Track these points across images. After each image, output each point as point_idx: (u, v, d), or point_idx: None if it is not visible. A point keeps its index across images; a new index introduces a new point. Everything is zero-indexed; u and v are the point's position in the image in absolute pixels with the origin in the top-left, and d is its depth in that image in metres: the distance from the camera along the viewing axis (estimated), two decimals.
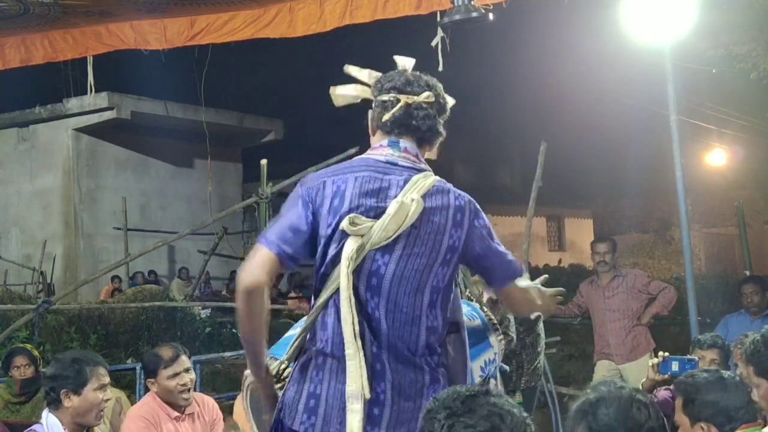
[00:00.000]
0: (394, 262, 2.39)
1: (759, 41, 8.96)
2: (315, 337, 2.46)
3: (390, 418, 2.39)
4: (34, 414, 5.07)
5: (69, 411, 3.41)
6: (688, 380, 2.85)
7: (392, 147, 2.51)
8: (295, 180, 8.48)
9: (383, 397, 2.39)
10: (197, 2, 5.20)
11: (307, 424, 2.39)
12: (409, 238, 2.40)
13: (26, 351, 5.43)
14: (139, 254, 9.91)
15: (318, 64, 18.42)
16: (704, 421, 2.73)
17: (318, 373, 2.42)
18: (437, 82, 2.60)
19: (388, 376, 2.39)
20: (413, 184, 2.42)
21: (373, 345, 2.39)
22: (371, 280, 2.40)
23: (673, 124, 5.37)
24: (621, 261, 9.20)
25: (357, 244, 2.36)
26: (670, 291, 6.47)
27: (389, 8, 4.91)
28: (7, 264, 16.07)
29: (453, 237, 2.44)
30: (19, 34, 5.77)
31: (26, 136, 17.04)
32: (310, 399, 2.41)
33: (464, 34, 4.76)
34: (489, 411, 1.79)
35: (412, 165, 2.49)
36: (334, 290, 2.39)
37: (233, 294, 15.50)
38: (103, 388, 3.48)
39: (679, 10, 5.22)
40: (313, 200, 2.44)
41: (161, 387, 3.98)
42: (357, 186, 2.42)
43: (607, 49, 8.78)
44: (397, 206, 2.37)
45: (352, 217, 2.37)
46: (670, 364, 4.13)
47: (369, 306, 2.40)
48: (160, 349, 4.09)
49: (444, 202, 2.45)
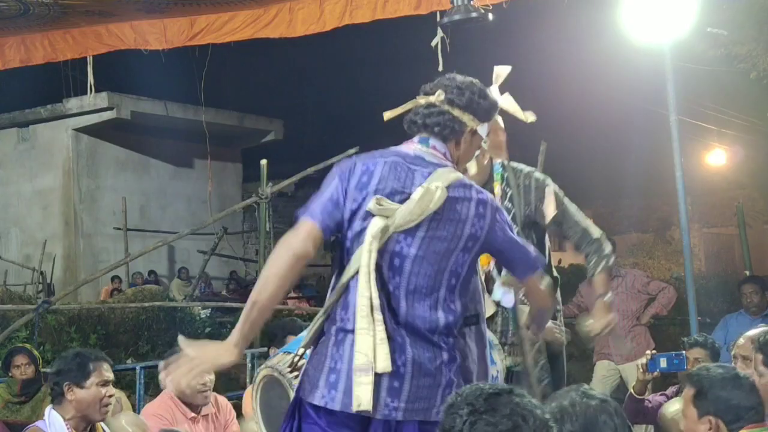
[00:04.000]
0: (416, 245, 2.49)
1: (759, 41, 8.95)
2: (336, 317, 2.53)
3: (410, 392, 2.44)
4: (34, 414, 5.07)
5: (72, 405, 3.43)
6: (702, 372, 2.83)
7: (422, 143, 2.64)
8: (295, 180, 8.50)
9: (403, 370, 2.45)
10: (197, 2, 5.20)
11: (328, 397, 2.45)
12: (431, 223, 2.50)
13: (26, 350, 5.44)
14: (139, 254, 9.91)
15: (318, 64, 18.43)
16: (713, 415, 2.72)
17: (338, 349, 2.48)
18: (467, 82, 2.68)
19: (408, 350, 2.46)
20: (438, 175, 2.53)
21: (392, 321, 2.47)
22: (394, 260, 2.49)
23: (673, 124, 5.37)
24: (621, 261, 9.19)
25: (382, 224, 2.46)
26: (670, 291, 6.47)
27: (389, 8, 4.92)
28: (7, 264, 16.07)
29: (475, 226, 2.54)
30: (19, 34, 5.77)
31: (26, 136, 17.04)
32: (331, 374, 2.46)
33: (464, 34, 4.76)
34: (512, 410, 1.79)
35: (438, 161, 2.60)
36: (357, 269, 2.47)
37: (233, 294, 15.55)
38: (106, 384, 3.49)
39: (679, 10, 5.22)
40: (346, 178, 2.54)
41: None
42: (386, 170, 2.55)
43: (606, 49, 8.77)
44: (423, 191, 2.48)
45: (378, 198, 2.48)
46: (658, 362, 4.14)
47: (390, 285, 2.49)
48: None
49: (467, 195, 2.55)
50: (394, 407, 2.43)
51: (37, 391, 5.29)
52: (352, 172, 2.55)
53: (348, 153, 7.68)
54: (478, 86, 2.70)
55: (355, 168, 2.56)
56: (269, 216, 7.78)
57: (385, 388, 2.42)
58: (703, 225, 21.16)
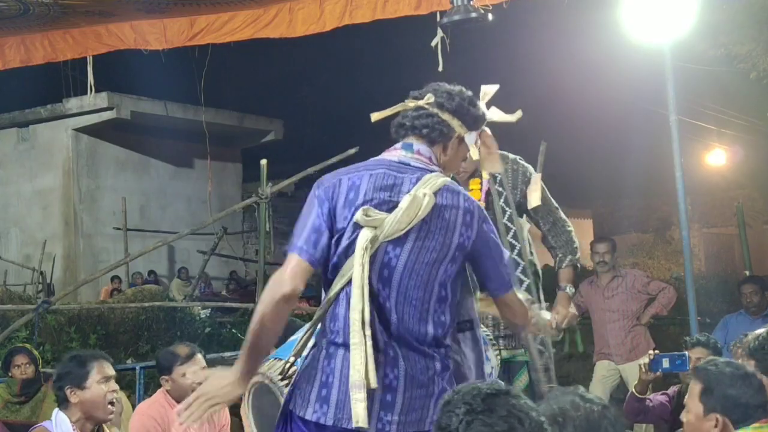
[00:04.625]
0: (405, 255, 2.47)
1: (759, 41, 8.95)
2: (326, 329, 2.52)
3: (403, 404, 2.44)
4: (34, 414, 5.08)
5: (77, 407, 3.42)
6: (711, 368, 2.79)
7: (405, 149, 2.61)
8: (295, 180, 8.50)
9: (396, 384, 2.44)
10: (197, 2, 5.20)
11: (320, 413, 2.44)
12: (420, 232, 2.47)
13: (26, 350, 5.45)
14: (139, 254, 9.90)
15: (318, 64, 18.44)
16: (720, 412, 2.68)
17: (329, 363, 2.47)
18: (456, 89, 2.67)
19: (401, 363, 2.45)
20: (425, 181, 2.50)
21: (383, 334, 2.45)
22: (383, 272, 2.47)
23: (672, 124, 5.36)
24: (621, 261, 9.19)
25: (371, 235, 2.43)
26: (670, 291, 6.47)
27: (389, 8, 4.92)
28: (7, 264, 16.06)
29: (463, 235, 2.51)
30: (19, 34, 5.77)
31: (26, 136, 17.03)
32: (322, 389, 2.45)
33: (464, 34, 4.76)
34: (508, 412, 1.78)
35: (425, 166, 2.57)
36: (347, 281, 2.45)
37: (233, 294, 15.53)
38: (108, 380, 3.47)
39: (679, 10, 5.21)
40: (330, 198, 2.51)
41: (175, 384, 3.95)
42: (371, 181, 2.51)
43: (606, 49, 8.77)
44: (410, 199, 2.45)
45: (365, 209, 2.45)
46: (660, 362, 4.14)
47: (380, 296, 2.47)
48: (176, 347, 4.10)
49: (454, 202, 2.52)
50: (387, 421, 2.42)
51: (36, 391, 5.29)
52: (336, 190, 2.51)
53: (348, 153, 7.69)
54: (467, 94, 2.69)
55: (340, 185, 2.52)
56: (269, 216, 7.78)
57: (378, 401, 2.41)
58: (703, 225, 21.17)
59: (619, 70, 10.59)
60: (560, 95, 13.39)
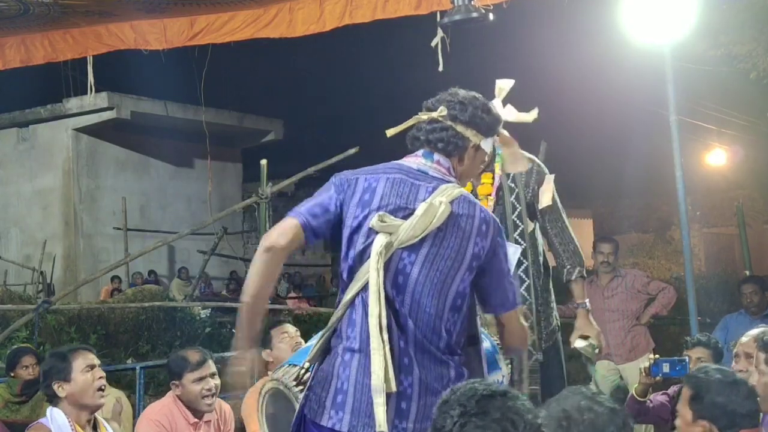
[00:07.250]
0: (419, 263, 2.48)
1: (759, 41, 8.95)
2: (342, 334, 2.52)
3: (417, 413, 2.44)
4: (34, 414, 5.07)
5: (67, 400, 3.47)
6: (701, 375, 2.81)
7: (426, 158, 2.63)
8: (295, 180, 8.50)
9: (410, 391, 2.44)
10: (197, 2, 5.20)
11: (335, 419, 2.44)
12: (435, 240, 2.48)
13: (33, 351, 5.50)
14: (139, 254, 9.92)
15: (318, 64, 18.44)
16: (708, 420, 2.71)
17: (345, 370, 2.47)
18: (469, 97, 2.66)
19: (416, 371, 2.45)
20: (441, 191, 2.51)
21: (400, 340, 2.46)
22: (398, 278, 2.48)
23: (672, 124, 5.36)
24: (621, 261, 9.20)
25: (386, 241, 2.44)
26: (670, 291, 6.46)
27: (389, 8, 4.91)
28: (7, 264, 16.07)
29: (478, 245, 2.51)
30: (19, 34, 5.76)
31: (26, 136, 17.04)
32: (338, 395, 2.46)
33: (464, 34, 4.76)
34: (502, 415, 1.77)
35: (442, 176, 2.59)
36: (362, 286, 2.47)
37: (233, 294, 15.57)
38: (92, 368, 3.53)
39: (679, 10, 5.21)
40: (345, 190, 2.56)
41: (185, 390, 3.93)
42: (388, 186, 2.54)
43: (606, 50, 8.77)
44: (426, 207, 2.46)
45: (381, 215, 2.47)
46: (661, 366, 4.15)
47: (395, 303, 2.47)
48: (187, 352, 4.05)
49: (470, 211, 2.53)
50: (402, 428, 2.43)
51: (36, 391, 5.29)
52: (353, 187, 2.55)
53: (348, 153, 7.69)
54: (480, 101, 2.68)
55: (357, 184, 2.56)
56: (269, 216, 7.77)
57: (393, 408, 2.41)
58: (703, 225, 21.16)
59: (620, 70, 10.59)
60: (560, 95, 13.39)
